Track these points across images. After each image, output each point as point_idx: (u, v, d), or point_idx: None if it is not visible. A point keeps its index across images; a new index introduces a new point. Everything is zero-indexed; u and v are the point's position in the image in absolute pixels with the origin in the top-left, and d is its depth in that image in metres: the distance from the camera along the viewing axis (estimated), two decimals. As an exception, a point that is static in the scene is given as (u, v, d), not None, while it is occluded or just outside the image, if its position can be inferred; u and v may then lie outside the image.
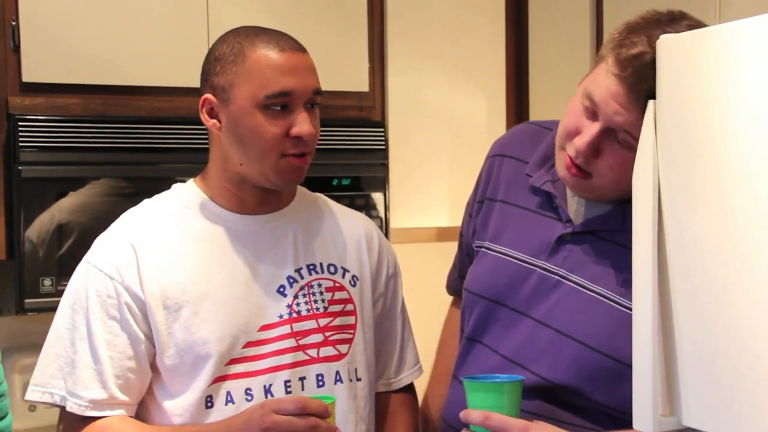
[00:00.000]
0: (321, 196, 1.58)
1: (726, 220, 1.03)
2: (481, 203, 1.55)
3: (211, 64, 1.39)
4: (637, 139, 1.20)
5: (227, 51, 1.38)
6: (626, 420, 1.25)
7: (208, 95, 1.39)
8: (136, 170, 2.31)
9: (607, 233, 1.37)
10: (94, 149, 2.27)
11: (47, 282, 2.17)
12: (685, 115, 1.08)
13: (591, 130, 1.30)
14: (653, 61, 1.17)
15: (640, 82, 1.22)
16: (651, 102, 1.13)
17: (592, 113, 1.31)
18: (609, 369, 1.31)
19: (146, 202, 1.49)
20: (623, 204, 1.36)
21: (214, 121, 1.39)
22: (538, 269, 1.41)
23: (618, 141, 1.29)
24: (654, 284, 1.11)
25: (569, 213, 1.41)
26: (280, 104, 1.35)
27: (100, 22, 2.32)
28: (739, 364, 1.02)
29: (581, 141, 1.31)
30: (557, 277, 1.39)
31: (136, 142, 2.32)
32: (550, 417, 1.34)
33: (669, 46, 1.11)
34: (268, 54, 1.35)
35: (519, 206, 1.48)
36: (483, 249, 1.50)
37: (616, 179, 1.32)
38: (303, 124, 1.36)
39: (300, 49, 1.39)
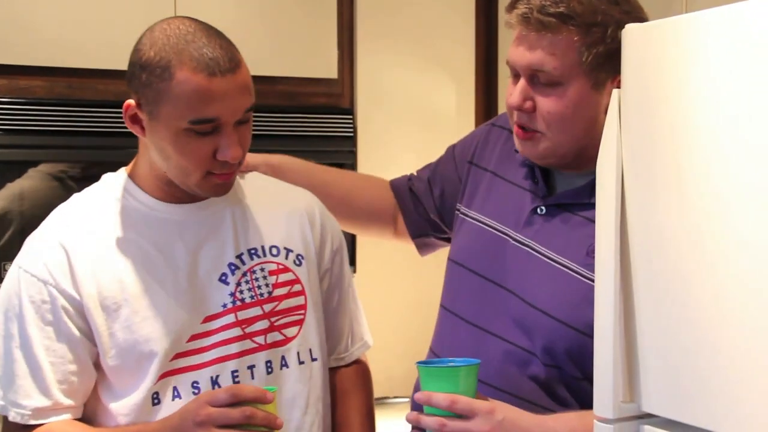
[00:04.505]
0: (256, 174, 1.53)
1: (686, 211, 1.04)
2: (470, 163, 1.60)
3: (137, 69, 1.31)
4: (553, 74, 1.33)
5: (154, 60, 1.28)
6: (583, 393, 1.28)
7: (132, 102, 1.31)
8: (100, 154, 2.28)
9: (577, 207, 1.41)
10: (57, 132, 2.24)
11: (9, 267, 2.14)
12: (649, 104, 1.09)
13: (518, 84, 1.39)
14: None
15: (530, 14, 1.33)
16: (615, 91, 1.13)
17: (515, 75, 1.40)
18: (571, 338, 1.34)
19: (76, 197, 1.42)
20: (595, 178, 1.39)
21: (137, 127, 1.33)
22: (510, 239, 1.45)
23: (542, 83, 1.36)
24: (616, 273, 1.11)
25: (548, 187, 1.46)
26: (203, 130, 1.29)
27: (65, 3, 2.29)
28: (696, 353, 1.03)
29: (513, 96, 1.39)
30: (527, 249, 1.42)
31: (100, 126, 2.29)
32: (512, 392, 1.37)
33: (634, 35, 1.11)
34: (195, 78, 1.26)
35: (506, 179, 1.52)
36: (468, 218, 1.54)
37: (559, 125, 1.37)
38: (229, 149, 1.29)
39: (231, 68, 1.28)
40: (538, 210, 1.44)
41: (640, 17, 1.37)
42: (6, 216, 2.18)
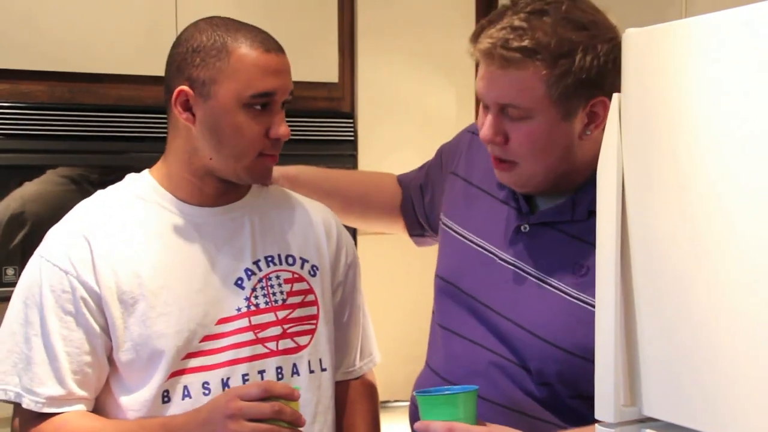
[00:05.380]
0: (275, 186, 1.56)
1: (687, 216, 1.04)
2: (454, 175, 1.58)
3: (189, 54, 1.35)
4: (522, 108, 1.30)
5: (208, 44, 1.34)
6: (577, 407, 1.28)
7: (184, 87, 1.34)
8: (101, 159, 2.28)
9: (560, 224, 1.40)
10: (59, 137, 2.25)
11: (10, 271, 2.14)
12: (649, 109, 1.09)
13: (488, 118, 1.36)
14: (509, 31, 1.29)
15: (493, 49, 1.30)
16: (616, 95, 1.13)
17: (485, 107, 1.37)
18: (560, 360, 1.34)
19: (99, 193, 1.45)
20: (576, 194, 1.38)
21: (188, 114, 1.36)
22: (496, 258, 1.43)
23: (512, 117, 1.34)
24: (617, 278, 1.11)
25: (530, 205, 1.44)
26: (261, 104, 1.35)
27: (67, 8, 2.29)
28: (697, 357, 1.03)
29: (483, 130, 1.37)
30: (513, 268, 1.41)
31: (101, 131, 2.29)
32: (511, 407, 1.36)
33: (634, 40, 1.11)
34: (254, 53, 1.34)
35: (490, 194, 1.51)
36: (452, 232, 1.52)
37: (532, 156, 1.36)
38: (282, 126, 1.37)
39: (281, 49, 1.38)
40: (522, 228, 1.42)
41: (612, 39, 1.32)
42: (8, 222, 2.18)
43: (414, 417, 1.34)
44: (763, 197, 0.95)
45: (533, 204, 1.45)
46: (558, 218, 1.39)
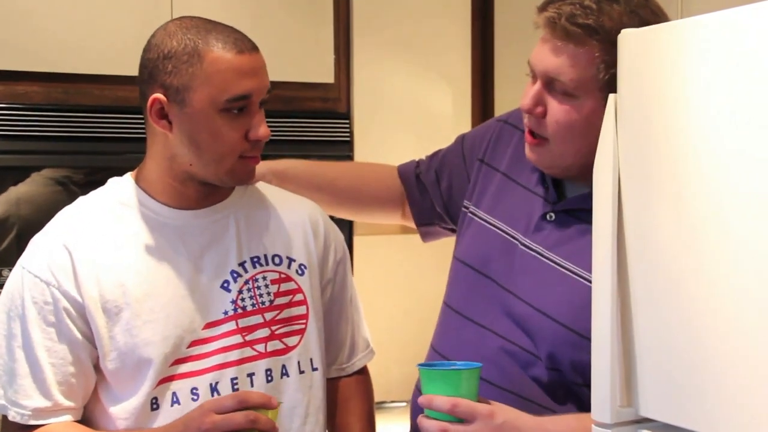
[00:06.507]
0: (261, 183, 1.54)
1: (683, 216, 1.04)
2: (481, 162, 1.58)
3: (160, 61, 1.32)
4: (568, 85, 1.32)
5: (179, 48, 1.31)
6: (584, 397, 1.29)
7: (159, 95, 1.31)
8: (97, 160, 2.28)
9: (583, 213, 1.41)
10: (54, 138, 2.25)
11: (5, 273, 2.14)
12: (645, 108, 1.09)
13: (532, 88, 1.38)
14: (578, 7, 1.30)
15: (557, 19, 1.31)
16: (612, 95, 1.14)
17: (533, 78, 1.39)
18: (573, 343, 1.34)
19: (81, 199, 1.43)
20: None
21: (164, 121, 1.33)
22: (519, 244, 1.45)
23: (557, 91, 1.36)
24: (613, 278, 1.12)
25: (558, 194, 1.45)
26: (238, 107, 1.32)
27: (62, 9, 2.29)
28: (693, 358, 1.03)
29: (525, 98, 1.39)
30: (534, 253, 1.42)
31: (98, 132, 2.29)
32: (514, 391, 1.37)
33: (630, 40, 1.12)
34: (227, 55, 1.31)
35: (518, 182, 1.52)
36: (477, 218, 1.53)
37: (565, 136, 1.37)
38: (261, 127, 1.34)
39: (255, 48, 1.35)
40: (548, 216, 1.44)
41: None
42: (3, 222, 2.18)
43: (417, 398, 1.34)
44: (758, 195, 0.96)
45: (561, 193, 1.46)
46: (582, 206, 1.41)
